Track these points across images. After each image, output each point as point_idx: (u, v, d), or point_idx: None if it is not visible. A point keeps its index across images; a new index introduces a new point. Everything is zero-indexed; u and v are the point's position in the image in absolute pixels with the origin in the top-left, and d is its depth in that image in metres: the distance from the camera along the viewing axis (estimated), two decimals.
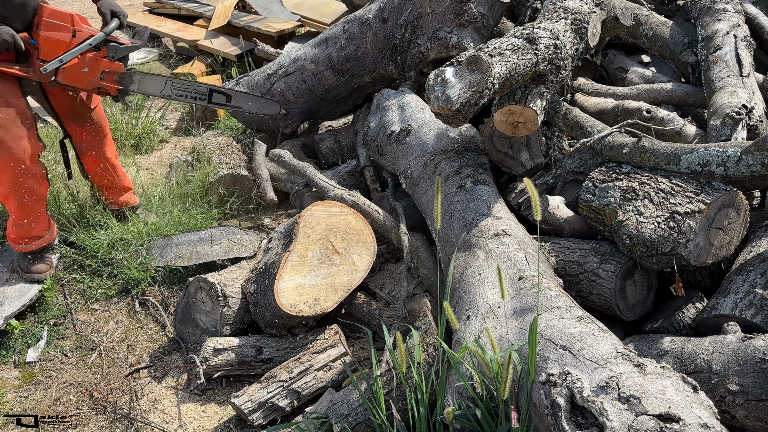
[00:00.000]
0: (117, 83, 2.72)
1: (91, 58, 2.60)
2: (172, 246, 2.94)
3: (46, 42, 2.47)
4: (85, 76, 2.61)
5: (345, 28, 3.51)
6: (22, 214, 2.66)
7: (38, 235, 2.77)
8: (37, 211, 2.70)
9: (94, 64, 2.61)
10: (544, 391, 1.45)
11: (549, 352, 1.55)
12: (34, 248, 2.77)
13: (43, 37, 2.46)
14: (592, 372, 1.41)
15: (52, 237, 2.85)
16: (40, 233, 2.77)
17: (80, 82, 2.61)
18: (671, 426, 1.22)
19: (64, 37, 2.50)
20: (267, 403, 2.18)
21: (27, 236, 2.74)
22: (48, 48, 2.48)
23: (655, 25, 3.41)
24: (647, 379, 1.34)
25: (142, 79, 2.82)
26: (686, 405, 1.26)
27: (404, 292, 2.42)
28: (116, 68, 2.68)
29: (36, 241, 2.77)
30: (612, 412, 1.29)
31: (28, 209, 2.66)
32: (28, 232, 2.73)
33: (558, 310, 1.71)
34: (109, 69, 2.66)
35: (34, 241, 2.76)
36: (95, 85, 2.66)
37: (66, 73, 2.54)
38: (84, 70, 2.59)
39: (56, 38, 2.48)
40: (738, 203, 2.02)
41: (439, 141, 2.70)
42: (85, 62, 2.58)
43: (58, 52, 2.49)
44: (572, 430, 1.33)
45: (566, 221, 2.44)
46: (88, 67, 2.60)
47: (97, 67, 2.63)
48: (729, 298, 2.00)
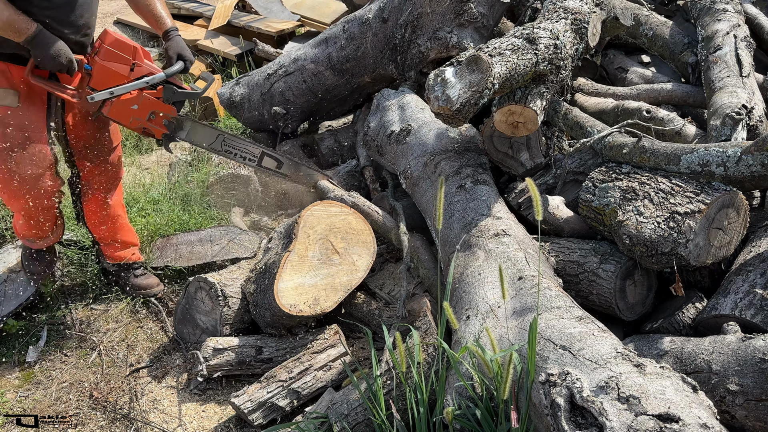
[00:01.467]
0: (165, 127, 2.52)
1: (144, 97, 2.40)
2: (172, 246, 2.94)
3: (102, 71, 2.28)
4: (133, 114, 2.41)
5: (345, 28, 3.51)
6: (29, 228, 2.52)
7: (43, 234, 2.60)
8: (47, 215, 2.53)
9: (146, 104, 2.42)
10: (544, 391, 1.45)
11: (549, 352, 1.55)
12: (40, 247, 2.64)
13: (100, 65, 2.27)
14: (592, 372, 1.41)
15: (58, 236, 2.69)
16: (45, 233, 2.61)
17: (126, 119, 2.41)
18: (671, 426, 1.21)
19: (122, 69, 2.31)
20: (267, 402, 2.18)
21: (34, 236, 2.59)
22: (102, 77, 2.29)
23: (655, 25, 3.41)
24: (647, 379, 1.34)
25: (192, 128, 2.62)
26: (686, 405, 1.26)
27: (404, 291, 2.42)
28: (168, 111, 2.48)
29: (40, 240, 2.62)
30: (611, 412, 1.29)
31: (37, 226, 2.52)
32: (35, 234, 2.57)
33: (558, 310, 1.71)
34: (160, 111, 2.46)
35: (38, 238, 2.61)
36: (140, 125, 2.46)
37: (113, 106, 2.34)
38: (133, 108, 2.40)
39: (113, 69, 2.29)
40: (738, 203, 2.02)
41: (439, 141, 2.70)
42: (136, 99, 2.39)
43: (111, 84, 2.31)
44: (572, 430, 1.33)
45: (566, 221, 2.44)
46: (138, 105, 2.40)
47: (147, 107, 2.43)
48: (729, 298, 2.00)
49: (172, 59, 2.43)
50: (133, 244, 2.82)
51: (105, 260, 2.80)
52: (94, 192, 2.61)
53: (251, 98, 3.72)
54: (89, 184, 2.59)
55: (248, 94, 3.73)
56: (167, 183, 3.54)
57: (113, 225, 2.71)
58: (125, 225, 2.78)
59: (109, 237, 2.73)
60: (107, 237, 2.73)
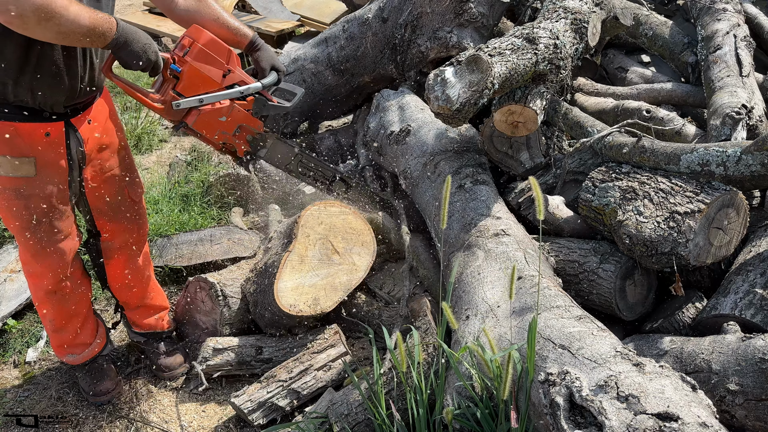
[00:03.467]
0: (248, 143, 2.24)
1: (235, 108, 2.11)
2: (172, 246, 2.94)
3: (193, 74, 1.95)
4: (220, 126, 2.11)
5: (345, 28, 3.51)
6: (60, 317, 2.16)
7: (85, 342, 2.26)
8: (79, 313, 2.20)
9: (236, 116, 2.13)
10: (543, 391, 1.45)
11: (548, 351, 1.55)
12: (84, 360, 2.29)
13: (191, 67, 1.94)
14: (591, 371, 1.42)
15: (103, 342, 2.34)
16: (87, 340, 2.27)
17: (212, 131, 2.10)
18: (670, 425, 1.21)
19: (215, 75, 2.00)
20: (267, 402, 2.18)
21: (71, 344, 2.24)
22: (191, 81, 1.96)
23: (655, 24, 3.41)
24: (646, 378, 1.34)
25: (273, 145, 2.36)
26: (685, 404, 1.27)
27: (406, 291, 2.42)
28: (255, 126, 2.22)
29: (84, 351, 2.27)
30: (611, 411, 1.29)
31: (68, 312, 2.17)
32: (72, 339, 2.22)
33: (557, 310, 1.71)
34: (247, 125, 2.19)
35: (80, 349, 2.26)
36: (225, 139, 2.16)
37: (200, 116, 2.03)
38: (221, 119, 2.10)
39: (206, 73, 1.98)
40: (738, 203, 2.02)
41: (438, 141, 2.70)
42: (226, 110, 2.09)
43: (202, 90, 1.99)
44: (571, 430, 1.33)
45: (566, 221, 2.44)
46: (228, 117, 2.11)
47: (237, 120, 2.14)
48: (729, 298, 2.00)
49: (264, 70, 2.16)
50: (163, 308, 2.50)
51: (131, 330, 2.49)
52: (118, 253, 2.27)
53: None
54: (111, 244, 2.25)
55: None
56: (167, 183, 3.54)
57: (141, 288, 2.39)
58: (154, 287, 2.46)
59: (136, 301, 2.40)
60: (134, 301, 2.40)
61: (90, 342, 2.27)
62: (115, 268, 2.30)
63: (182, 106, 1.97)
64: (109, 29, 1.66)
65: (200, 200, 3.36)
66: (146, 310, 2.44)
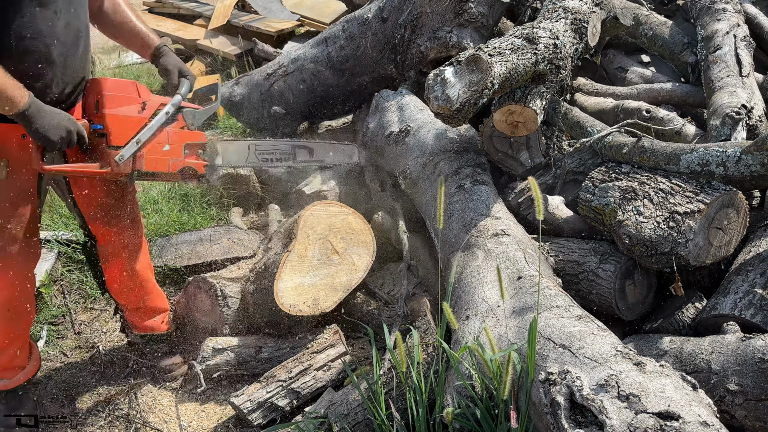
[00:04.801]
0: (201, 158, 2.16)
1: (170, 132, 2.02)
2: (171, 245, 2.94)
3: (115, 122, 1.88)
4: (168, 155, 2.02)
5: (344, 28, 3.51)
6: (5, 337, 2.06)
7: (20, 365, 2.17)
8: (22, 335, 2.12)
9: (175, 139, 2.03)
10: (544, 390, 1.45)
11: (548, 350, 1.55)
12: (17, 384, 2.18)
13: (110, 116, 1.87)
14: (592, 370, 1.42)
15: (36, 367, 2.26)
16: (22, 363, 2.18)
17: (164, 165, 2.02)
18: (671, 424, 1.21)
19: (135, 111, 1.93)
20: (266, 402, 2.18)
21: (9, 367, 2.14)
22: (118, 129, 1.88)
23: (655, 24, 3.42)
24: (646, 378, 1.34)
25: (225, 148, 2.31)
26: (686, 403, 1.27)
27: (404, 290, 2.42)
28: (199, 139, 2.12)
29: (17, 375, 2.17)
30: (611, 410, 1.29)
31: (13, 332, 2.07)
32: (11, 361, 2.13)
33: (557, 309, 1.71)
34: (191, 142, 2.10)
35: (16, 372, 2.17)
36: (181, 165, 2.07)
37: (146, 157, 1.95)
38: (165, 149, 2.00)
39: (126, 115, 1.91)
40: (737, 203, 2.02)
41: (438, 141, 2.70)
42: (164, 138, 1.99)
43: (131, 133, 1.91)
44: (572, 429, 1.33)
45: (566, 221, 2.44)
46: (170, 144, 2.01)
47: (178, 142, 2.04)
48: (728, 298, 2.00)
49: (172, 75, 2.11)
50: (163, 310, 2.48)
51: (130, 331, 2.48)
52: (115, 257, 2.24)
53: (251, 98, 3.72)
54: (107, 248, 2.22)
55: (248, 94, 3.73)
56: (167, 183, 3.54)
57: (140, 290, 2.35)
58: (154, 288, 2.42)
59: (135, 303, 2.37)
60: (133, 303, 2.38)
61: (25, 365, 2.19)
62: (114, 270, 2.27)
63: (125, 155, 1.90)
64: (19, 99, 1.66)
65: (200, 200, 3.36)
66: (146, 312, 2.41)
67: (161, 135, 2.00)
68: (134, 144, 1.91)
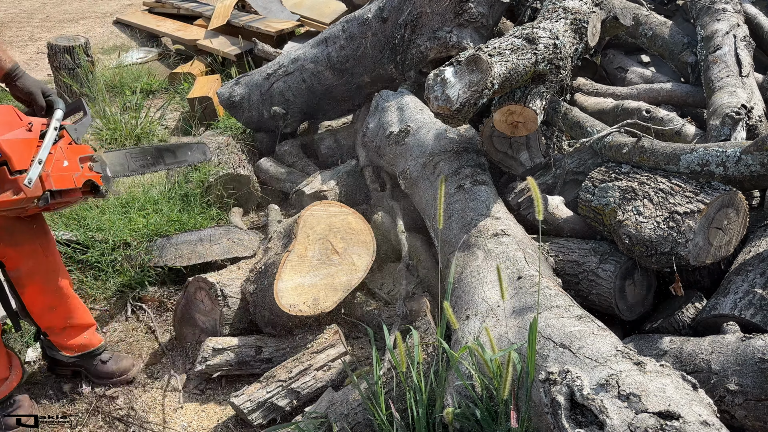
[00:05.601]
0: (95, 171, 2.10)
1: (62, 149, 1.98)
2: (171, 246, 2.94)
3: (10, 147, 1.81)
4: (71, 171, 1.98)
5: (344, 28, 3.51)
6: None
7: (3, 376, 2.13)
8: None
9: (69, 155, 2.00)
10: (544, 390, 1.45)
11: (549, 350, 1.55)
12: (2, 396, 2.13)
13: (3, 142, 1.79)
14: (592, 370, 1.42)
15: (18, 376, 2.19)
16: (3, 374, 2.13)
17: (69, 181, 1.97)
18: (671, 423, 1.22)
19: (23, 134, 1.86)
20: (266, 402, 2.18)
21: None
22: (15, 153, 1.82)
23: (655, 24, 3.42)
24: (647, 377, 1.34)
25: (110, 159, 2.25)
26: (686, 403, 1.27)
27: (404, 290, 2.42)
28: (88, 152, 2.09)
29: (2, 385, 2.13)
30: (612, 410, 1.29)
31: None
32: None
33: (557, 309, 1.71)
34: (83, 155, 2.06)
35: None
36: (83, 179, 2.03)
37: (52, 175, 1.90)
38: (65, 165, 1.96)
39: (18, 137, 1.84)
40: (737, 203, 2.03)
41: (438, 142, 2.70)
42: (60, 155, 1.96)
43: (29, 156, 1.85)
44: (572, 428, 1.33)
45: (566, 221, 2.44)
46: (68, 160, 1.98)
47: (73, 157, 2.01)
48: (728, 298, 2.00)
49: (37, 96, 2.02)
50: (89, 325, 2.34)
51: (62, 355, 2.32)
52: (29, 279, 2.09)
53: (251, 98, 3.72)
54: (18, 270, 2.07)
55: (248, 94, 3.73)
56: (167, 183, 3.54)
57: (64, 307, 2.21)
58: (76, 304, 2.27)
59: (61, 323, 2.23)
60: (58, 325, 2.23)
61: (6, 376, 2.13)
62: (32, 294, 2.12)
63: (33, 177, 1.82)
64: None
65: (200, 200, 3.36)
66: (73, 331, 2.28)
67: (57, 152, 1.96)
68: (37, 164, 1.85)
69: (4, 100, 4.68)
